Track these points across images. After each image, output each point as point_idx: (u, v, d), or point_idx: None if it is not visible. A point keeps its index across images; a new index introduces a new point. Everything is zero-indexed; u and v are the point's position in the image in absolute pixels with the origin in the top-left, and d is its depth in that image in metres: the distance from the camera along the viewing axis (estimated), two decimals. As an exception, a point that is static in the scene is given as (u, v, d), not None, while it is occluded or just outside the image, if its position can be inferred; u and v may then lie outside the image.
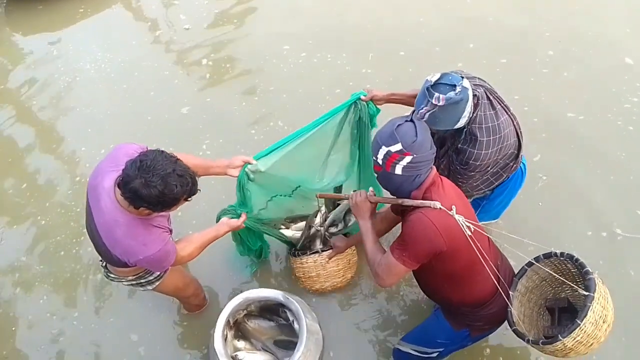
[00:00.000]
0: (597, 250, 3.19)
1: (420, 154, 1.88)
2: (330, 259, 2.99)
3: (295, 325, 2.74)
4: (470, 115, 2.26)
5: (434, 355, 2.48)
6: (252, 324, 2.91)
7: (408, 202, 1.99)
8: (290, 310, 2.76)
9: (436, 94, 2.14)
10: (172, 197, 1.92)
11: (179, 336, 3.12)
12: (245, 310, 2.87)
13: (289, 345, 2.82)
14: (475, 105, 2.28)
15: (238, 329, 2.90)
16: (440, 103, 2.14)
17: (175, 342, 3.10)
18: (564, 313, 2.27)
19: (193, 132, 4.18)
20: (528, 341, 2.12)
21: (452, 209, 1.91)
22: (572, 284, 2.13)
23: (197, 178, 2.05)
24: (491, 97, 2.36)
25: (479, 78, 2.43)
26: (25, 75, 5.01)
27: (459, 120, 2.23)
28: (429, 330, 2.52)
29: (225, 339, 2.67)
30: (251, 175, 2.52)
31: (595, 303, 1.93)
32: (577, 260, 2.13)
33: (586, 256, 3.04)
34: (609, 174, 3.55)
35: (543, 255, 2.27)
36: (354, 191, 2.29)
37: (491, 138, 2.31)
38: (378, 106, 2.77)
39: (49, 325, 3.24)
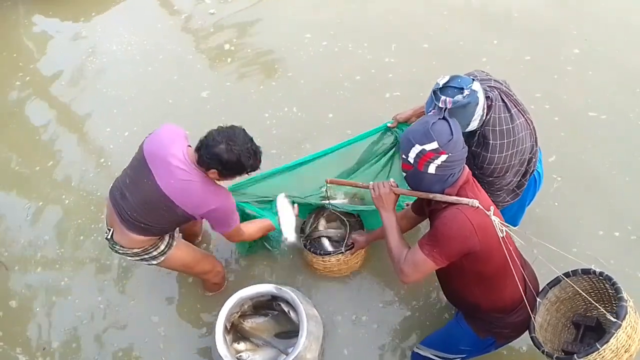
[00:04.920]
0: (609, 249, 3.17)
1: (455, 153, 1.85)
2: (352, 254, 3.02)
3: (292, 315, 2.77)
4: (483, 118, 2.23)
5: None
6: (249, 323, 2.91)
7: (441, 197, 1.93)
8: (285, 301, 2.77)
9: (443, 97, 2.10)
10: (242, 166, 2.29)
11: (195, 316, 3.22)
12: (239, 312, 2.86)
13: (290, 335, 2.84)
14: (489, 107, 2.24)
15: (236, 331, 2.91)
16: (448, 106, 2.09)
17: (192, 322, 3.20)
18: (590, 331, 2.23)
19: (209, 116, 4.22)
20: (543, 352, 2.10)
21: (490, 210, 1.88)
22: (601, 308, 2.08)
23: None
24: (506, 100, 2.31)
25: (495, 80, 2.38)
26: (53, 56, 5.09)
27: (469, 124, 2.19)
28: (451, 335, 2.46)
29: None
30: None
31: (621, 331, 1.89)
32: (614, 283, 2.06)
33: (598, 255, 3.11)
34: (625, 175, 3.51)
35: (582, 270, 2.19)
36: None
37: (505, 141, 2.27)
38: (409, 123, 2.84)
39: (72, 307, 3.34)
